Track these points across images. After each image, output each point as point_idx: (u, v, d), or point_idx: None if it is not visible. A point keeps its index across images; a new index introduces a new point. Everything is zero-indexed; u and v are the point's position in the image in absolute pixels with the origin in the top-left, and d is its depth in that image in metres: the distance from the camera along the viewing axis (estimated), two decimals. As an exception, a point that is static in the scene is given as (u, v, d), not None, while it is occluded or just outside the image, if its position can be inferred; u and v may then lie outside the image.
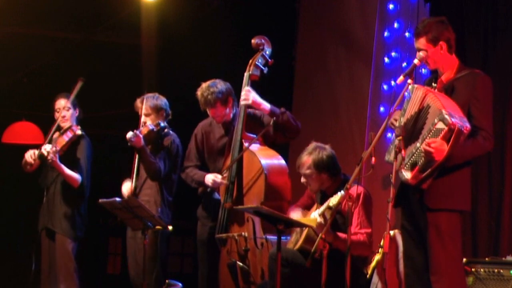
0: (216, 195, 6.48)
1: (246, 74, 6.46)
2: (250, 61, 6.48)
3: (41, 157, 6.78)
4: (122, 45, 9.93)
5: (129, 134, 6.52)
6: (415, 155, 4.80)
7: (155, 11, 9.33)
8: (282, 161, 6.32)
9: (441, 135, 4.70)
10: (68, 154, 6.93)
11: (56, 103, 7.08)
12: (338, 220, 5.68)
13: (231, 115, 6.53)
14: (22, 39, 9.58)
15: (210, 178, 6.41)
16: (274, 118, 6.29)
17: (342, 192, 5.25)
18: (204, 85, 6.50)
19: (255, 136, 6.34)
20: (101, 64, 9.71)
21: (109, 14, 9.42)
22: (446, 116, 4.68)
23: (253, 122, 6.47)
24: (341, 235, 5.59)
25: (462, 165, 4.90)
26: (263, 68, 6.49)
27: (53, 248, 6.93)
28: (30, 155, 6.86)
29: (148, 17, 9.44)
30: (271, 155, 6.31)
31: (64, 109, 7.04)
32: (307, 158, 5.86)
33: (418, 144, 4.79)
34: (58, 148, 6.79)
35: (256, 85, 6.48)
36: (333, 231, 5.54)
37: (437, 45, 4.96)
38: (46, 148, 6.75)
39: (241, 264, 6.10)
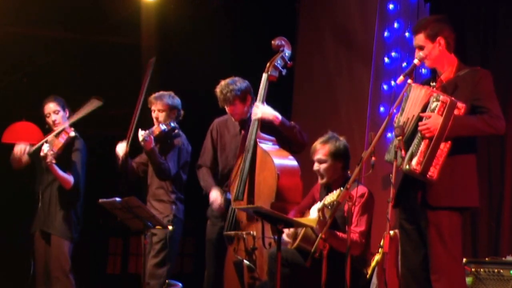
0: (228, 195, 6.48)
1: (264, 75, 6.43)
2: (269, 62, 6.45)
3: (34, 154, 6.79)
4: (122, 45, 9.93)
5: (143, 134, 6.52)
6: (416, 141, 4.80)
7: (155, 11, 9.34)
8: (295, 163, 6.30)
9: (436, 111, 4.73)
10: (62, 156, 6.93)
11: (45, 107, 7.09)
12: (338, 220, 5.68)
13: (248, 114, 6.52)
14: (22, 39, 9.58)
15: (212, 196, 6.48)
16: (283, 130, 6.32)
17: (338, 191, 5.26)
18: (223, 82, 6.51)
19: (270, 137, 6.36)
20: (101, 64, 9.71)
21: (109, 14, 9.42)
22: (440, 95, 4.74)
23: (268, 123, 6.47)
24: (337, 233, 5.59)
25: (466, 159, 4.89)
26: (282, 69, 6.47)
27: (48, 249, 6.93)
28: (20, 149, 6.89)
29: (148, 17, 9.45)
30: (284, 156, 6.30)
31: (54, 113, 7.05)
32: (322, 145, 5.85)
33: (419, 134, 4.80)
34: (55, 151, 6.80)
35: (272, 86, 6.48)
36: (329, 229, 5.53)
37: (435, 41, 4.96)
38: (44, 149, 6.75)
39: (247, 262, 6.11)
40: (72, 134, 6.96)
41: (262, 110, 6.32)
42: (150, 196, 6.81)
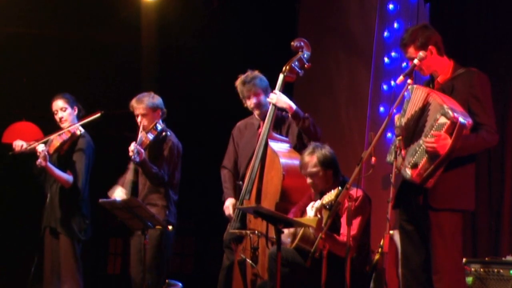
0: None
1: (281, 76, 6.44)
2: (287, 63, 6.45)
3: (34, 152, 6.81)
4: (122, 45, 9.94)
5: (132, 149, 6.48)
6: (418, 152, 4.80)
7: (155, 11, 9.34)
8: None
9: (444, 129, 4.72)
10: (67, 154, 6.93)
11: (53, 104, 7.05)
12: (335, 221, 5.67)
13: (267, 107, 6.48)
14: (22, 39, 9.58)
15: (225, 204, 6.56)
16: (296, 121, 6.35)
17: (335, 190, 5.25)
18: (243, 75, 6.52)
19: (281, 136, 6.39)
20: (101, 64, 9.71)
21: (109, 14, 9.43)
22: (448, 111, 4.70)
23: (282, 125, 6.49)
24: (334, 236, 5.58)
25: (466, 163, 4.91)
26: (299, 70, 6.47)
27: (57, 248, 6.92)
28: (17, 145, 6.91)
29: (148, 17, 9.45)
30: (293, 156, 6.30)
31: (61, 110, 7.02)
32: (310, 157, 5.82)
33: (421, 141, 4.80)
34: (50, 152, 6.78)
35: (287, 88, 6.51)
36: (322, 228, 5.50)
37: (427, 50, 4.98)
38: (39, 148, 6.74)
39: (250, 261, 6.12)
40: (78, 132, 6.94)
41: (278, 96, 6.35)
42: (143, 201, 6.75)
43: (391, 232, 5.06)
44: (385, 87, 8.19)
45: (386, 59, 8.20)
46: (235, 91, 6.58)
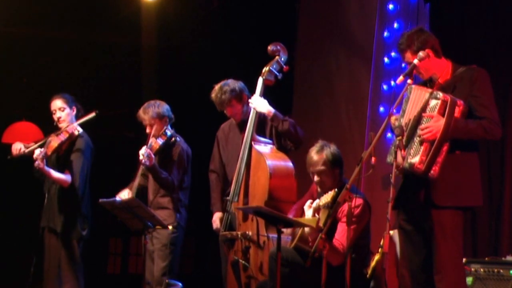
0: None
1: (260, 79, 6.49)
2: (265, 66, 6.50)
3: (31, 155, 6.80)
4: (122, 45, 9.94)
5: (143, 153, 6.52)
6: (416, 142, 4.80)
7: (155, 11, 9.35)
8: (289, 163, 6.32)
9: (436, 110, 4.74)
10: (66, 154, 6.93)
11: (51, 104, 7.05)
12: (332, 225, 5.65)
13: (248, 114, 6.51)
14: (22, 39, 9.58)
15: (215, 218, 6.61)
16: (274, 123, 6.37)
17: (332, 192, 5.25)
18: (216, 86, 6.57)
19: (264, 139, 6.41)
20: (101, 64, 9.71)
21: (109, 14, 9.43)
22: (439, 92, 4.75)
23: (265, 125, 6.50)
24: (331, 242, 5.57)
25: (468, 156, 4.90)
26: (277, 74, 6.52)
27: (57, 248, 6.92)
28: (16, 149, 6.90)
29: (148, 17, 9.45)
30: (278, 156, 6.34)
31: (60, 110, 7.01)
32: (319, 156, 5.79)
33: (419, 131, 4.80)
34: (48, 153, 6.77)
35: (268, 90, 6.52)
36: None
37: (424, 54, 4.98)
38: (36, 152, 6.74)
39: (243, 261, 6.13)
40: (76, 132, 6.94)
41: (257, 101, 6.38)
42: (153, 205, 6.79)
43: (391, 232, 5.06)
44: (385, 87, 8.19)
45: (386, 59, 8.20)
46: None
